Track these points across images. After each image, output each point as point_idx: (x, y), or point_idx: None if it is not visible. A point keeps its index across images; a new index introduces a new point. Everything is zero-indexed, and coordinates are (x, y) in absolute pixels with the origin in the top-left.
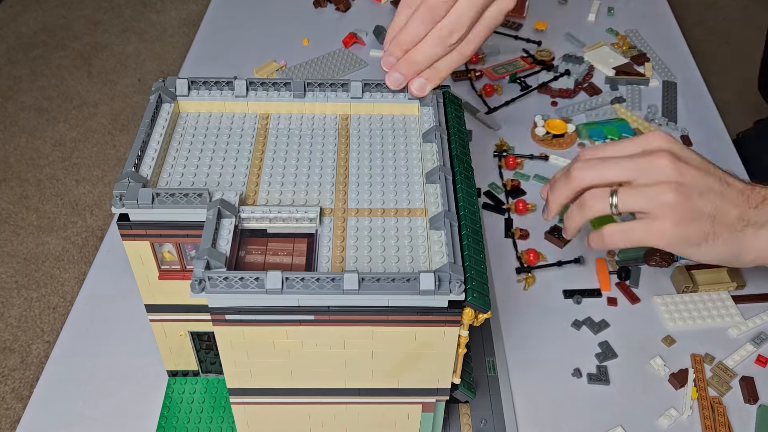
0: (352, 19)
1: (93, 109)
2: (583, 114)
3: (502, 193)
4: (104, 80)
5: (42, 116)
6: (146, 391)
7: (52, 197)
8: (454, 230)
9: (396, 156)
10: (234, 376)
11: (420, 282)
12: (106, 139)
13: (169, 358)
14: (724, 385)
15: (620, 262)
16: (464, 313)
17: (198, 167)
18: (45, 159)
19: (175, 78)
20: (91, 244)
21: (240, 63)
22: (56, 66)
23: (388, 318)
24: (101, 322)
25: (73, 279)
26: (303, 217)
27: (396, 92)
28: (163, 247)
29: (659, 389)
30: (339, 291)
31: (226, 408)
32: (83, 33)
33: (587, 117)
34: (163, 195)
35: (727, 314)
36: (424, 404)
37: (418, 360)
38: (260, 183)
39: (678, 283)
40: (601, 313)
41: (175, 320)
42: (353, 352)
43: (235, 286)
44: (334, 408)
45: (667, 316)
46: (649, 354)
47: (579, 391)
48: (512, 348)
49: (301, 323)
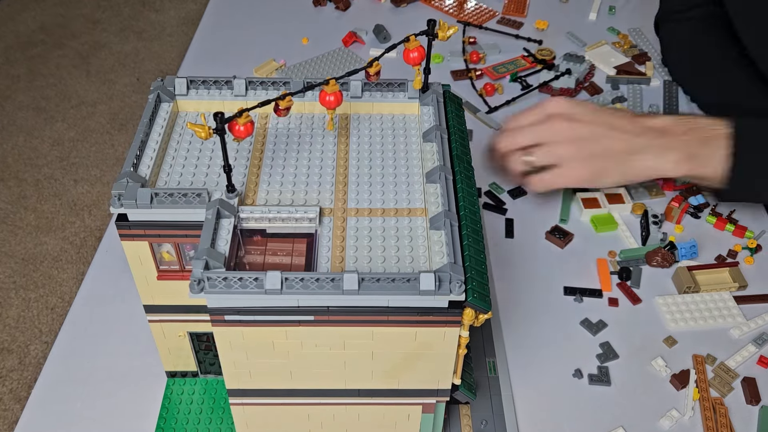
0: (352, 18)
1: (91, 108)
2: None
3: (503, 193)
4: (103, 79)
5: (40, 116)
6: (145, 392)
7: (50, 197)
8: (455, 230)
9: (396, 155)
10: (233, 377)
11: (420, 282)
12: (105, 138)
13: (168, 359)
14: (725, 386)
15: (621, 262)
16: (465, 313)
17: (197, 167)
18: (43, 159)
19: (173, 77)
20: (90, 244)
21: (239, 62)
22: (54, 65)
23: (388, 318)
24: (100, 322)
25: (72, 279)
26: (302, 217)
27: (396, 92)
28: (162, 248)
29: (660, 390)
30: (339, 291)
31: (225, 409)
32: (82, 32)
33: None
34: (161, 195)
35: (728, 315)
36: (424, 405)
37: (418, 361)
38: (259, 183)
39: (679, 284)
40: (602, 314)
41: (173, 321)
42: (353, 352)
43: (234, 287)
44: (334, 409)
45: (668, 317)
46: (650, 355)
47: (580, 391)
48: (513, 348)
49: (301, 324)
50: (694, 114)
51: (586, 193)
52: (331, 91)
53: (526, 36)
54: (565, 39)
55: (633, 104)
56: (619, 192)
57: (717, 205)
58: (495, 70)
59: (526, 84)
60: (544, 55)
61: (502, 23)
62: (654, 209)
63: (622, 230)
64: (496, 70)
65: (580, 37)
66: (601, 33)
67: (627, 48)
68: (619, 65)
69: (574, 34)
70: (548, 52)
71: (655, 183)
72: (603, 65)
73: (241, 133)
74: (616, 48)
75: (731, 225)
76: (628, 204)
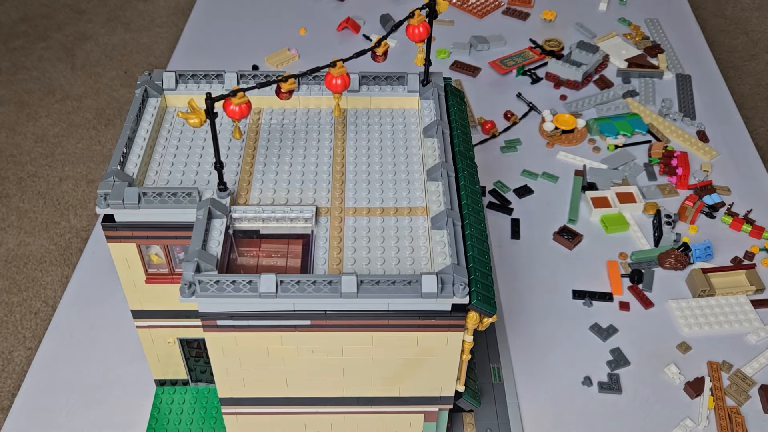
0: (350, 9)
1: (77, 103)
2: (594, 108)
3: (509, 192)
4: (89, 73)
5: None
6: (133, 401)
7: (33, 196)
8: (457, 230)
9: (395, 152)
10: (226, 385)
11: (422, 284)
12: (91, 134)
13: (157, 367)
14: (742, 394)
15: (633, 264)
16: (468, 317)
17: (187, 165)
18: (26, 156)
19: (161, 71)
20: (75, 245)
21: (233, 54)
22: (38, 57)
23: (388, 323)
24: (85, 328)
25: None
26: (298, 216)
27: (395, 85)
28: (151, 250)
29: (674, 398)
30: (336, 294)
31: (217, 419)
32: (66, 23)
33: (598, 111)
34: (150, 194)
35: (745, 319)
36: (426, 414)
37: (420, 367)
38: (252, 181)
39: (694, 287)
40: (612, 318)
41: (163, 326)
42: (351, 358)
43: (226, 290)
44: (332, 418)
45: (682, 322)
46: (663, 361)
47: (589, 400)
48: (519, 354)
49: (297, 329)
50: None
51: (595, 191)
52: (338, 73)
53: (532, 28)
54: (573, 30)
55: (645, 99)
56: (631, 191)
57: (733, 205)
58: (503, 63)
59: (536, 77)
60: (552, 45)
61: (508, 14)
62: (667, 208)
63: (634, 231)
64: (503, 64)
65: (590, 29)
66: (612, 24)
67: (639, 40)
68: (630, 58)
69: (583, 25)
70: (556, 42)
71: (669, 181)
72: (614, 58)
73: (235, 114)
74: (628, 40)
75: (748, 225)
76: (639, 203)
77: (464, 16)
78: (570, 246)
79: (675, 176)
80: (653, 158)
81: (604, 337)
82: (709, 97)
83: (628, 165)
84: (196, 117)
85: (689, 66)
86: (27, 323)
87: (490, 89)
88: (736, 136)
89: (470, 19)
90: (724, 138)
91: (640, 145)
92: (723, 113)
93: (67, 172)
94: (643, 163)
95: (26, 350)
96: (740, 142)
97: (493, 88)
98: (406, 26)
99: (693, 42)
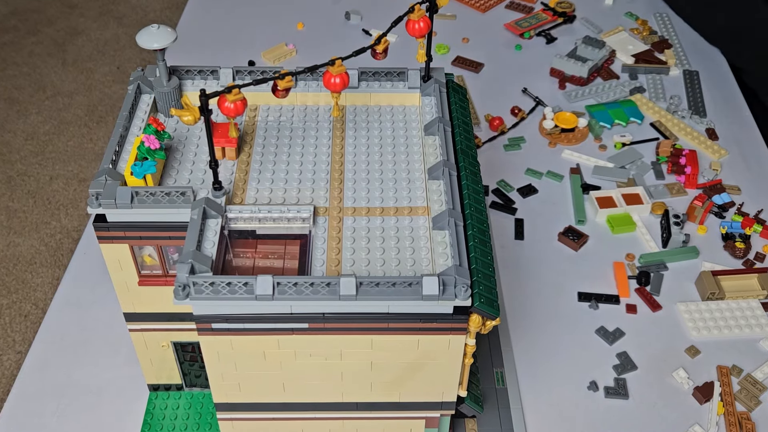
0: (348, 4)
1: (68, 99)
2: (592, 98)
3: (512, 192)
4: (80, 68)
5: (12, 107)
6: (125, 406)
7: (23, 195)
8: (459, 230)
9: (395, 150)
10: (221, 390)
11: (423, 286)
12: (83, 131)
13: (150, 371)
14: (752, 400)
15: (641, 267)
16: (471, 319)
17: (181, 163)
18: (16, 154)
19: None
20: (66, 246)
21: (229, 50)
22: (28, 53)
23: (388, 326)
24: (77, 331)
25: (47, 284)
26: (295, 216)
27: (395, 81)
28: (144, 251)
29: (682, 404)
30: (335, 297)
31: (212, 425)
32: (57, 17)
33: (596, 101)
34: (143, 194)
35: (756, 324)
36: (427, 419)
37: (421, 371)
38: (248, 180)
39: (703, 290)
40: (619, 321)
41: (156, 330)
42: (350, 362)
43: (222, 292)
44: (330, 424)
45: (690, 325)
46: (671, 366)
47: (595, 405)
48: (523, 358)
49: (294, 332)
50: None
51: (600, 191)
52: (337, 72)
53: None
54: (579, 23)
55: (654, 95)
56: (637, 191)
57: (743, 204)
58: (518, 24)
59: (551, 37)
60: (563, 7)
61: (511, 8)
62: (675, 208)
63: (641, 231)
64: (519, 25)
65: (596, 23)
66: (618, 18)
67: (646, 35)
68: (637, 53)
69: (588, 19)
70: (567, 4)
71: (677, 180)
72: (620, 53)
73: (230, 111)
74: (635, 35)
75: (759, 225)
76: (647, 203)
77: (466, 10)
78: (575, 247)
79: (683, 175)
80: (661, 156)
81: (611, 341)
82: (718, 93)
83: (635, 163)
84: (190, 114)
85: (698, 62)
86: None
87: (494, 85)
88: (746, 134)
89: (473, 13)
90: (734, 136)
91: (647, 142)
92: (733, 110)
93: (58, 171)
94: (651, 162)
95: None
96: (750, 141)
97: (496, 84)
98: (406, 21)
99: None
